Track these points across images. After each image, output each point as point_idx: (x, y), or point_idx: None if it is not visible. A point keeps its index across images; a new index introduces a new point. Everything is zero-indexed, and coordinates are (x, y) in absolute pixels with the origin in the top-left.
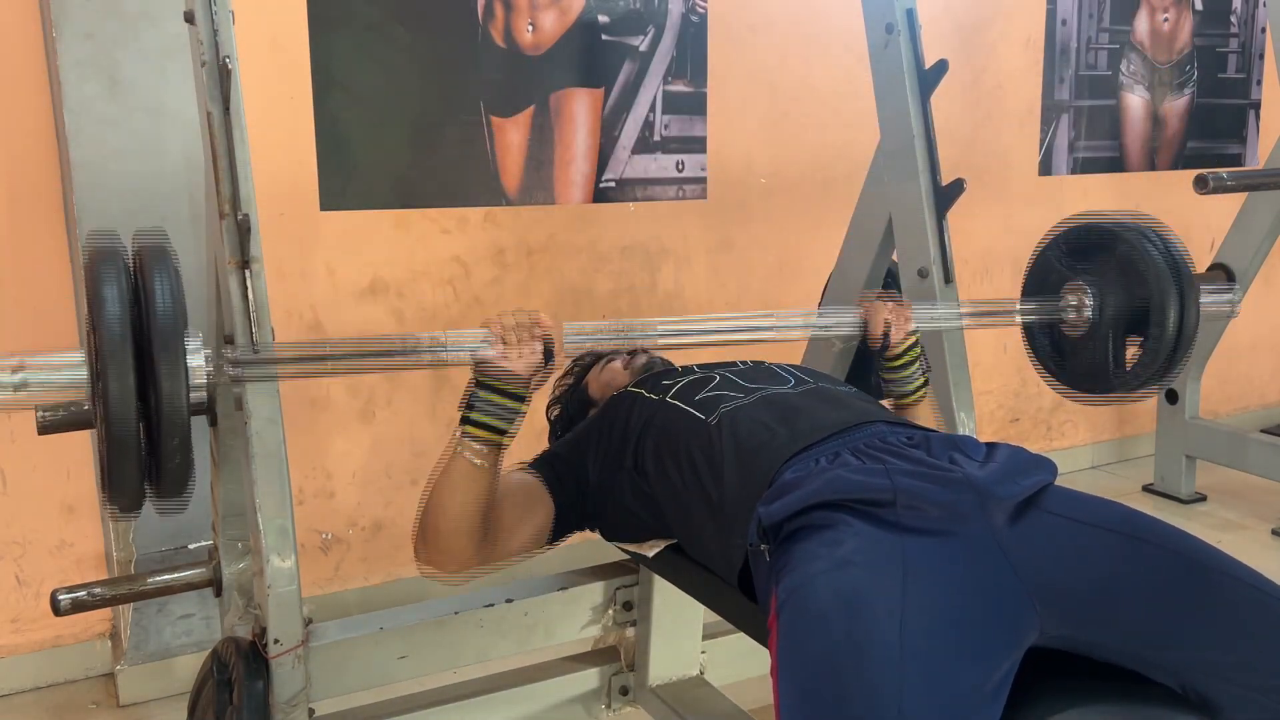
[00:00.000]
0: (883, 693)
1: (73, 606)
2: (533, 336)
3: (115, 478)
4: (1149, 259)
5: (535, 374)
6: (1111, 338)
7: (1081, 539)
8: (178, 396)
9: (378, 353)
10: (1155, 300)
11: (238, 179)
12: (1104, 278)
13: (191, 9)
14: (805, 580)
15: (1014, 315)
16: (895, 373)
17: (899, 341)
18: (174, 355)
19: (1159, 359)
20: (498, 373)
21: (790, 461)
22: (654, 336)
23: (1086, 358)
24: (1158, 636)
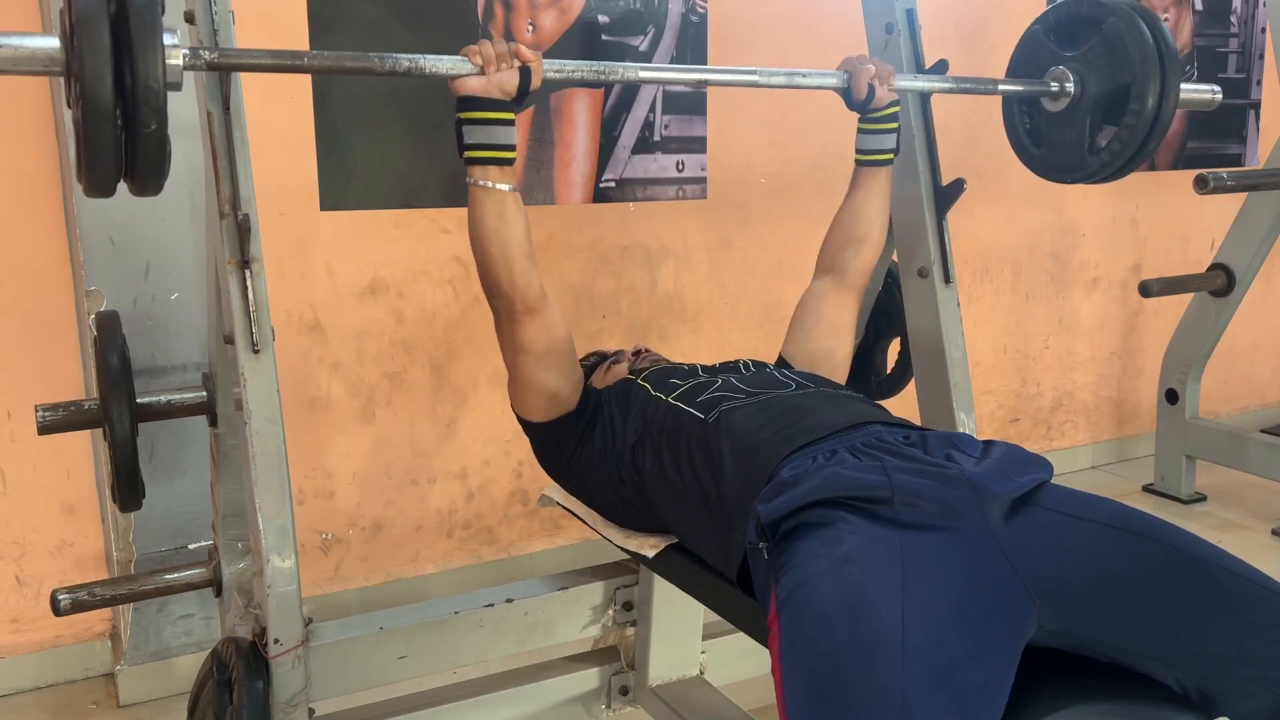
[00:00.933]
0: (888, 691)
1: (73, 606)
2: (510, 63)
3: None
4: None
5: (513, 95)
6: (1089, 118)
7: (1078, 534)
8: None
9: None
10: (1137, 79)
11: (238, 179)
12: (1089, 58)
13: (191, 9)
14: (805, 579)
15: (995, 85)
16: (875, 126)
17: (882, 100)
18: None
19: (1134, 139)
20: (478, 93)
21: (788, 459)
22: (634, 78)
23: (1062, 137)
24: (1156, 630)
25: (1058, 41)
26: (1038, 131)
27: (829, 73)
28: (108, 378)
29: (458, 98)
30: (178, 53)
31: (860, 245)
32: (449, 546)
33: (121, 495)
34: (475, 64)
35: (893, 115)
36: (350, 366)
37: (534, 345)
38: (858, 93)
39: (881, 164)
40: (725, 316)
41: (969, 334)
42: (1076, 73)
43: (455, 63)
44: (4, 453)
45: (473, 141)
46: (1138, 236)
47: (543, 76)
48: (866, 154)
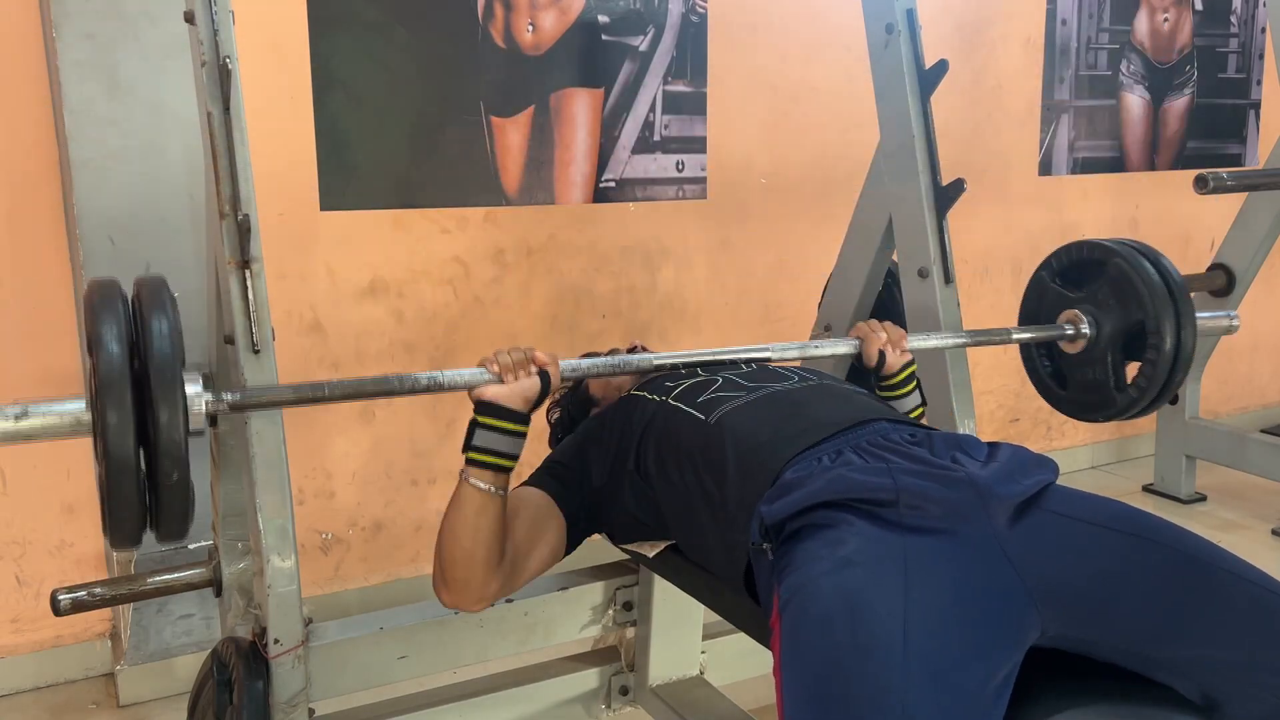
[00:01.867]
0: (887, 693)
1: (73, 606)
2: (528, 373)
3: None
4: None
5: (532, 403)
6: (1110, 355)
7: (1083, 538)
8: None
9: (377, 391)
10: (1150, 316)
11: (238, 179)
12: (1098, 298)
13: (191, 9)
14: (808, 580)
15: (1010, 335)
16: (892, 394)
17: (895, 366)
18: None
19: (1159, 373)
20: (501, 401)
21: (793, 461)
22: (649, 370)
23: (1086, 377)
24: (1160, 633)
25: (1065, 285)
26: (1060, 374)
27: (841, 341)
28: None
29: (478, 402)
30: (200, 401)
31: None
32: None
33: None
34: (493, 372)
35: (909, 377)
36: (350, 366)
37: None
38: (868, 360)
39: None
40: (725, 316)
41: None
42: (1089, 314)
43: (475, 375)
44: (4, 453)
45: (481, 445)
46: (1138, 236)
47: (560, 377)
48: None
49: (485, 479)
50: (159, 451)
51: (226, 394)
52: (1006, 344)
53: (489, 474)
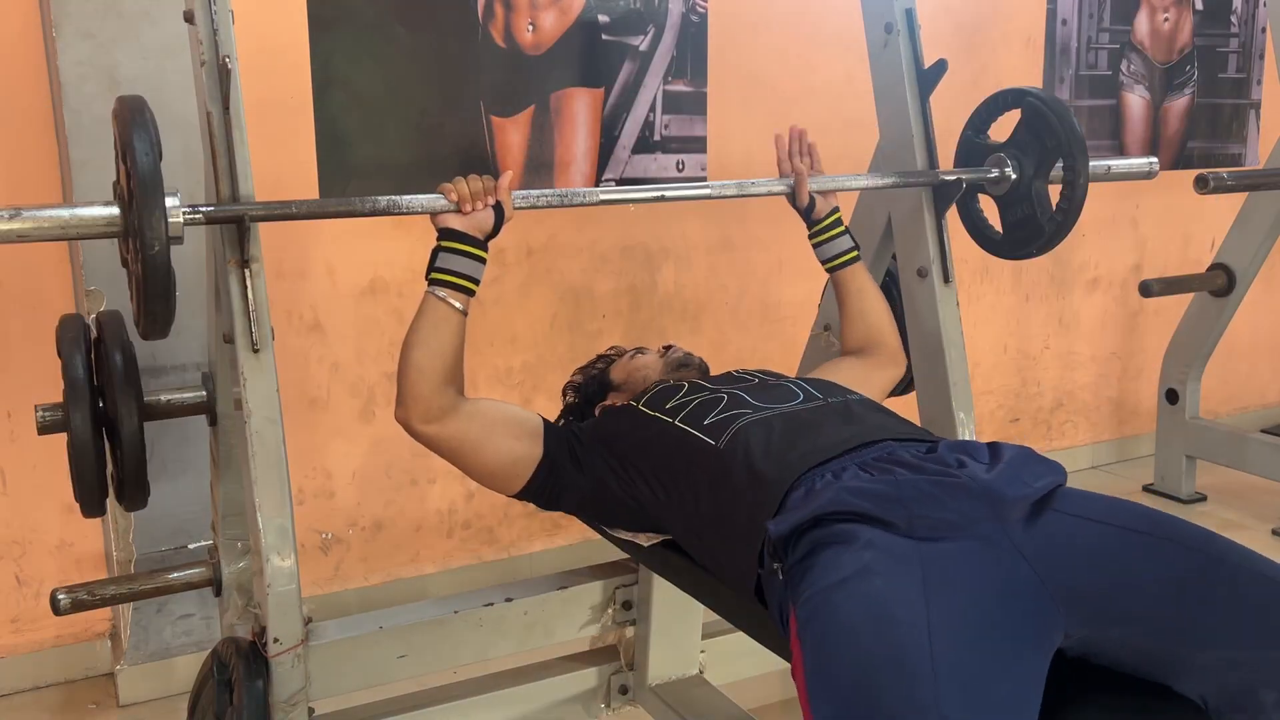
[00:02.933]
0: (920, 706)
1: (73, 606)
2: (484, 201)
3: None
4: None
5: (488, 233)
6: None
7: (1100, 538)
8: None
9: (340, 211)
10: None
11: (238, 179)
12: (1018, 142)
13: (191, 9)
14: (827, 596)
15: (938, 176)
16: (822, 237)
17: (823, 210)
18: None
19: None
20: (459, 229)
21: (800, 479)
22: (593, 201)
23: (1016, 215)
24: (1186, 634)
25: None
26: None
27: (777, 181)
28: (116, 375)
29: (439, 229)
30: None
31: (881, 338)
32: (449, 546)
33: (129, 494)
34: (450, 200)
35: (836, 220)
36: (350, 366)
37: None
38: (800, 199)
39: (849, 263)
40: (725, 316)
41: (969, 334)
42: (1013, 156)
43: (433, 200)
44: (4, 453)
45: (442, 266)
46: (1138, 236)
47: (512, 209)
48: (830, 261)
49: (445, 293)
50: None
51: (202, 205)
52: (933, 184)
53: (449, 290)
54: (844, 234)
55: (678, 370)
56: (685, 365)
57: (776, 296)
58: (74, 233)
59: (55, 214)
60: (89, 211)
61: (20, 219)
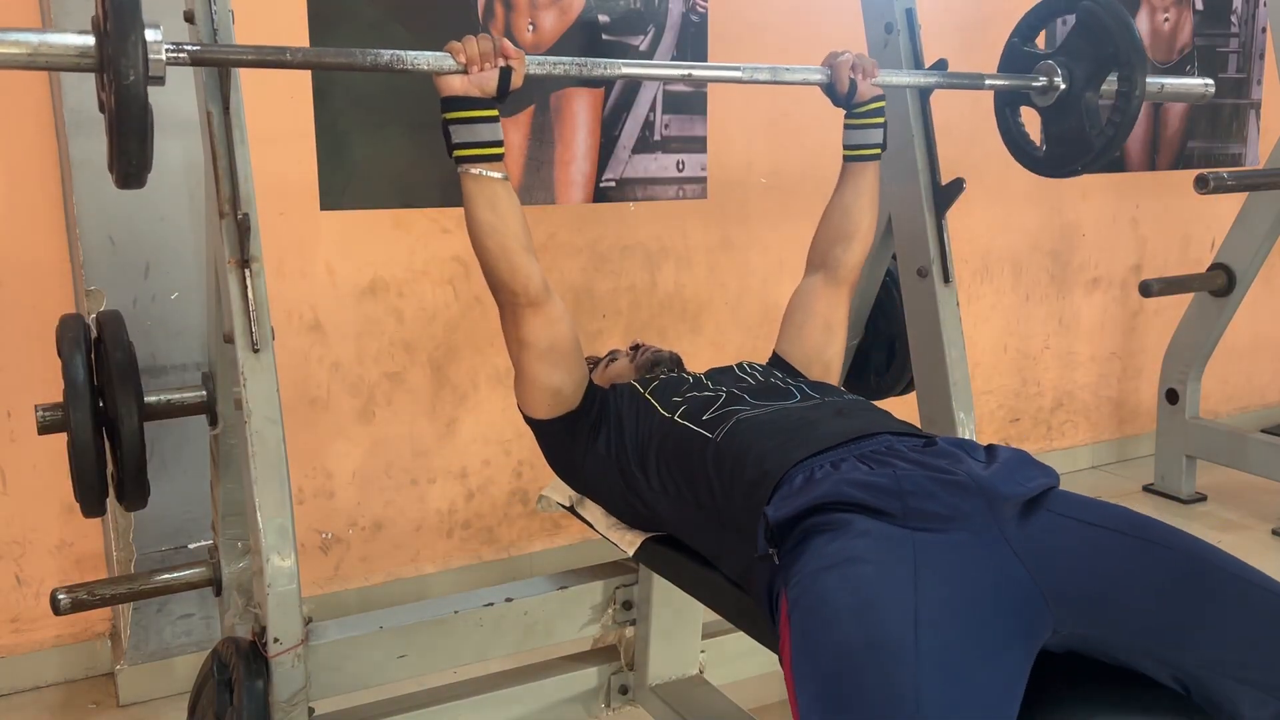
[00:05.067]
0: (899, 691)
1: (73, 606)
2: (492, 62)
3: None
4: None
5: (492, 95)
6: (1084, 100)
7: (1091, 539)
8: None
9: (338, 64)
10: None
11: (238, 179)
12: (1069, 49)
13: (191, 9)
14: (816, 579)
15: (983, 80)
16: (860, 121)
17: (865, 94)
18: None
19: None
20: (459, 93)
21: (796, 468)
22: (614, 75)
23: (1062, 129)
24: (1171, 635)
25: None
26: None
27: (812, 68)
28: (116, 375)
29: (441, 98)
30: (160, 47)
31: (850, 241)
32: (449, 546)
33: (129, 494)
34: (459, 61)
35: (877, 110)
36: (350, 366)
37: (538, 340)
38: (840, 85)
39: (869, 159)
40: (725, 316)
41: (969, 334)
42: (1063, 65)
43: (438, 58)
44: (4, 453)
45: (460, 140)
46: (1138, 236)
47: (524, 74)
48: (853, 149)
49: (481, 167)
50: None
51: (187, 43)
52: (979, 89)
53: (483, 164)
54: (879, 127)
55: (650, 371)
56: (656, 364)
57: (776, 296)
58: (43, 61)
59: (23, 37)
60: (61, 38)
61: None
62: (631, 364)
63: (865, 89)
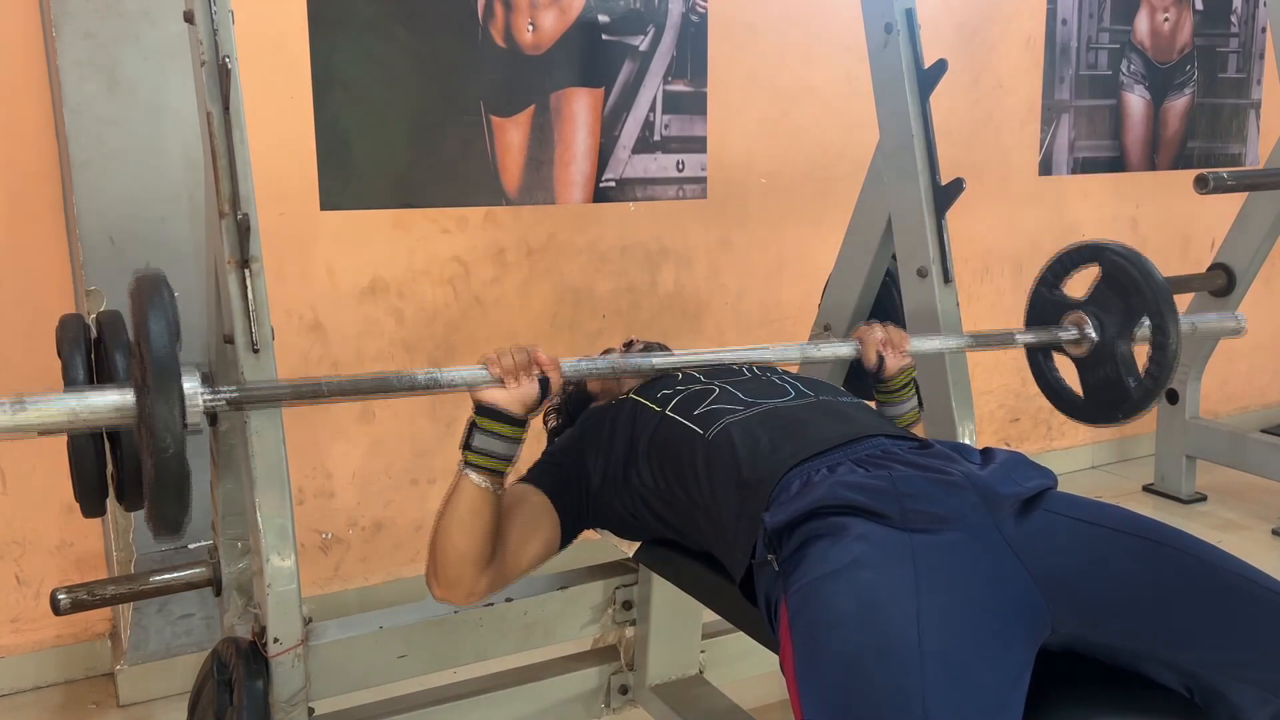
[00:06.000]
0: (906, 696)
1: (73, 606)
2: (530, 374)
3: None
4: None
5: (532, 407)
6: (1119, 351)
7: (1089, 538)
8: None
9: (373, 389)
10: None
11: (238, 179)
12: (1097, 299)
13: (191, 9)
14: (818, 586)
15: (1014, 336)
16: (889, 398)
17: (893, 369)
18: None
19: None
20: (500, 405)
21: (791, 472)
22: (647, 370)
23: (1099, 377)
24: (1170, 634)
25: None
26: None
27: (841, 343)
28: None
29: (478, 405)
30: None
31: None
32: None
33: (129, 494)
34: (494, 374)
35: (906, 383)
36: (350, 366)
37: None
38: (867, 363)
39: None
40: (725, 316)
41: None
42: (1091, 315)
43: (474, 374)
44: (4, 453)
45: (480, 446)
46: (1138, 236)
47: (561, 382)
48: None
49: (482, 479)
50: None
51: (225, 389)
52: (1009, 347)
53: (485, 475)
54: (911, 396)
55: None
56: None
57: (776, 296)
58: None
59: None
60: (102, 399)
61: (25, 411)
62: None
63: (892, 363)
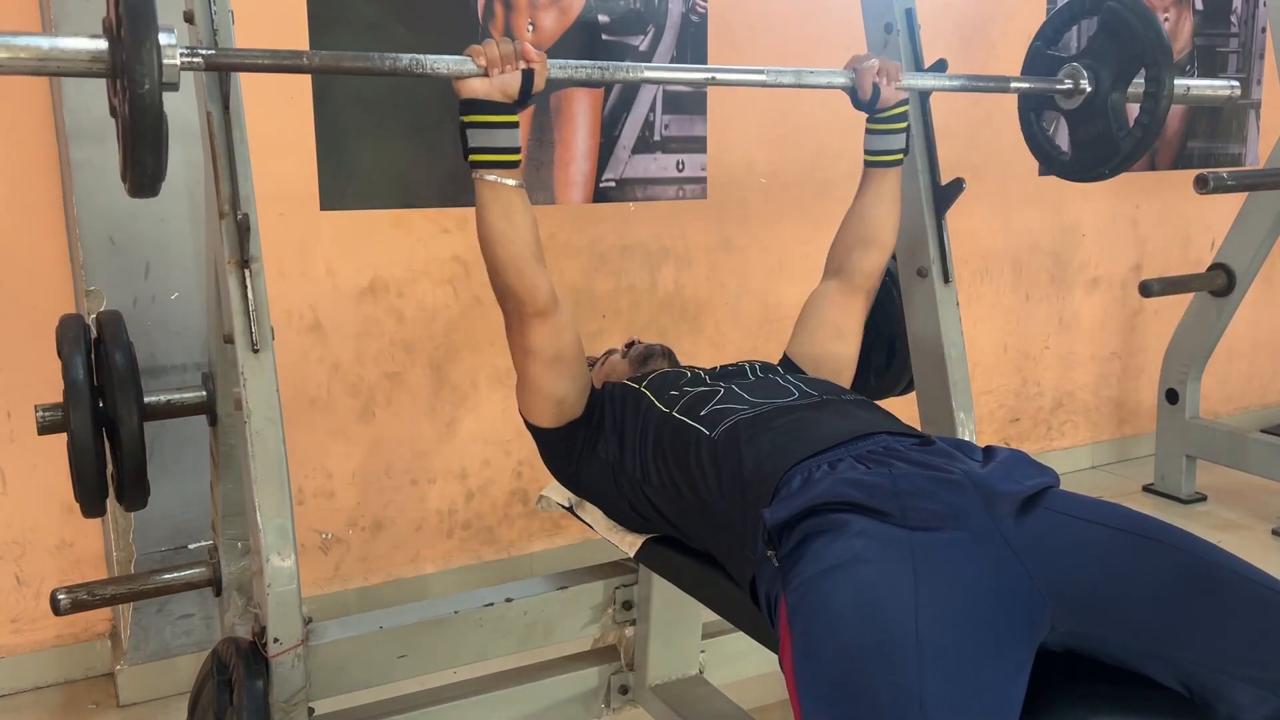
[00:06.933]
0: (903, 691)
1: (73, 606)
2: (514, 64)
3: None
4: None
5: (515, 98)
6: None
7: (1089, 536)
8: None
9: (356, 68)
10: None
11: (238, 179)
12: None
13: (191, 9)
14: (816, 582)
15: (1008, 83)
16: (882, 126)
17: (889, 99)
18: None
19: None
20: (480, 95)
21: (794, 469)
22: (637, 78)
23: (1089, 132)
24: (1170, 632)
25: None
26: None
27: (835, 71)
28: (116, 376)
29: (461, 100)
30: (174, 52)
31: (869, 247)
32: (449, 546)
33: (129, 494)
34: (479, 65)
35: (901, 115)
36: (350, 366)
37: (543, 350)
38: (863, 92)
39: (891, 164)
40: (725, 316)
41: (969, 334)
42: (1088, 67)
43: (458, 62)
44: (4, 453)
45: (477, 145)
46: (1138, 236)
47: (547, 77)
48: (875, 154)
49: (496, 174)
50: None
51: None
52: (1004, 92)
53: (498, 170)
54: (902, 132)
55: (643, 365)
56: (648, 358)
57: (776, 296)
58: (53, 67)
59: (32, 42)
60: (73, 43)
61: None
62: (625, 360)
63: (889, 94)
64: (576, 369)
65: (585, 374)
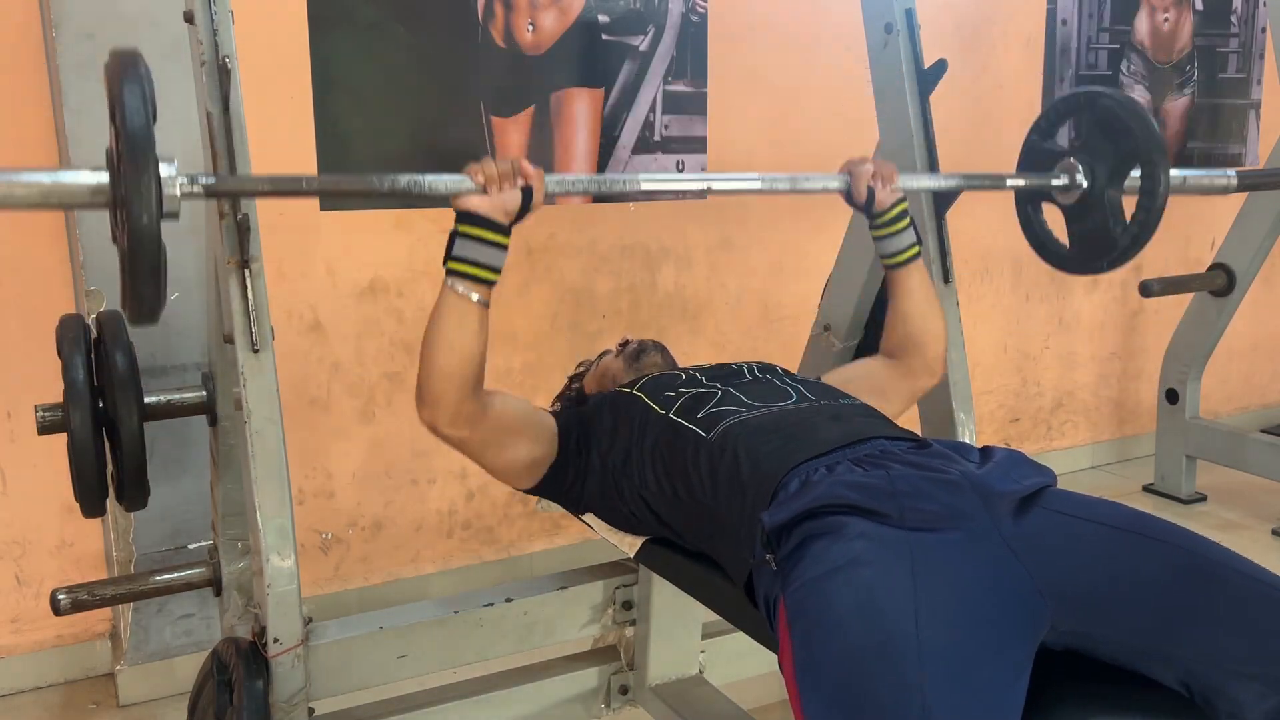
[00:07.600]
0: (905, 692)
1: (73, 606)
2: (512, 182)
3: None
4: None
5: (513, 216)
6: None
7: (1087, 535)
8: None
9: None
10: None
11: None
12: (1089, 146)
13: (191, 9)
14: (816, 585)
15: (1004, 180)
16: (884, 231)
17: (885, 202)
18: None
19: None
20: (481, 212)
21: (792, 472)
22: (633, 192)
23: (1087, 226)
24: (1170, 630)
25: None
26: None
27: (830, 176)
28: (116, 376)
29: (460, 212)
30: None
31: (923, 347)
32: (449, 546)
33: (129, 494)
34: (478, 182)
35: (900, 214)
36: (350, 366)
37: (485, 440)
38: (858, 195)
39: (907, 263)
40: (725, 316)
41: (969, 334)
42: (1084, 163)
43: (457, 181)
44: (4, 453)
45: (462, 255)
46: None
47: (544, 193)
48: (889, 257)
49: (467, 288)
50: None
51: (202, 177)
52: (1001, 189)
53: (470, 284)
54: (908, 229)
55: (636, 361)
56: (641, 354)
57: (776, 296)
58: (55, 201)
59: (35, 179)
60: (74, 177)
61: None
62: (619, 358)
63: (884, 197)
64: (529, 429)
65: (540, 424)
